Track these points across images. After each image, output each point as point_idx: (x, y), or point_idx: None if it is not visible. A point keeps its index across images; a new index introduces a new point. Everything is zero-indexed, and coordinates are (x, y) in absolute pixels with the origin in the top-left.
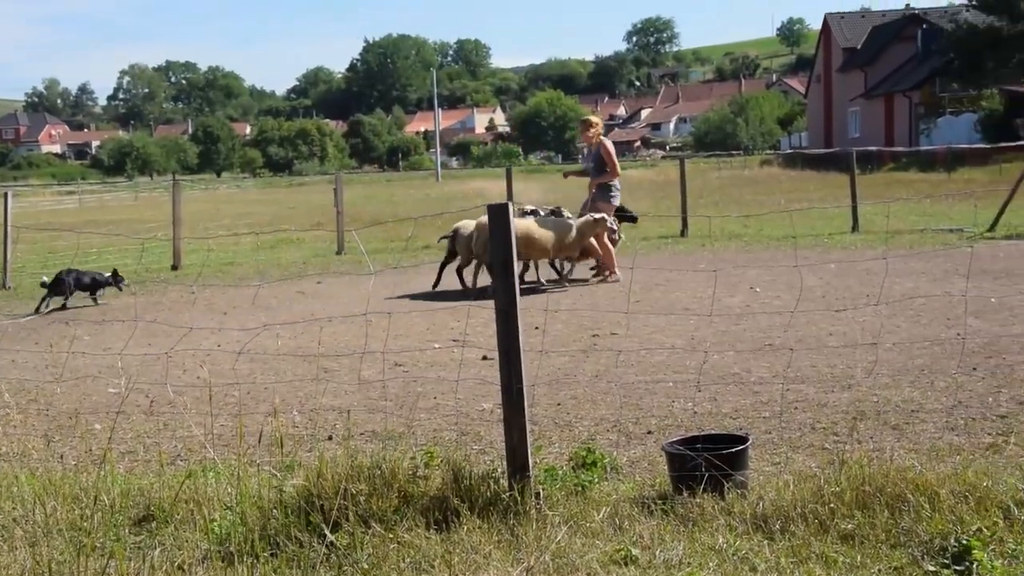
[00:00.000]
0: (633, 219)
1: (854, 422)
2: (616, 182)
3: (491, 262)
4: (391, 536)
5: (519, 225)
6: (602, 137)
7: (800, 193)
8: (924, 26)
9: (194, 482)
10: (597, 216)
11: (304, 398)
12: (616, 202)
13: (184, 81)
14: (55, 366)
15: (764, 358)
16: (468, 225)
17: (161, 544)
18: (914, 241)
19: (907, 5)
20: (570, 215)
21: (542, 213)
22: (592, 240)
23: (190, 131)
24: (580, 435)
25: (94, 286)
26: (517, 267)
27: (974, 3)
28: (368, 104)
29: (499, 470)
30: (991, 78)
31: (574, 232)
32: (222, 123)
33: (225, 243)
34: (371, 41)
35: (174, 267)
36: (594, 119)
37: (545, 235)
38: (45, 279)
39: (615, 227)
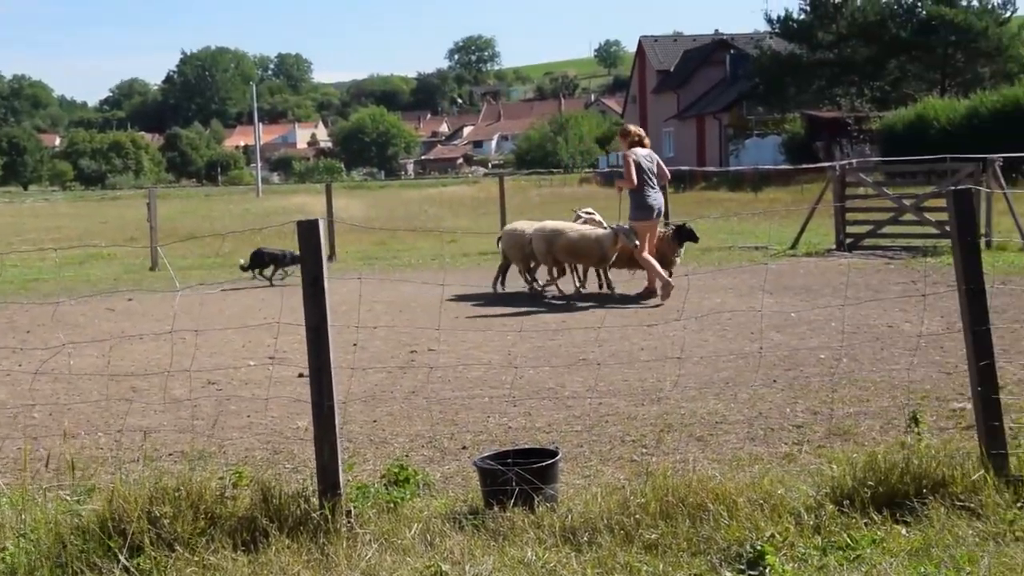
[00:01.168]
0: (693, 238)
1: (661, 434)
2: (649, 199)
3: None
4: (196, 559)
5: (545, 229)
6: (630, 150)
7: (617, 211)
8: (732, 51)
9: None
10: (619, 230)
11: (110, 418)
12: (648, 218)
13: None
14: None
15: (578, 372)
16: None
17: None
18: (722, 258)
19: (716, 31)
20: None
21: (598, 218)
22: (646, 255)
23: None
24: (395, 452)
25: (289, 261)
26: (547, 271)
27: (777, 31)
28: (186, 117)
29: (310, 489)
30: (793, 103)
31: (593, 243)
32: (29, 134)
33: (30, 259)
34: (188, 53)
35: None
36: (630, 128)
37: (565, 242)
38: (242, 261)
39: (636, 242)
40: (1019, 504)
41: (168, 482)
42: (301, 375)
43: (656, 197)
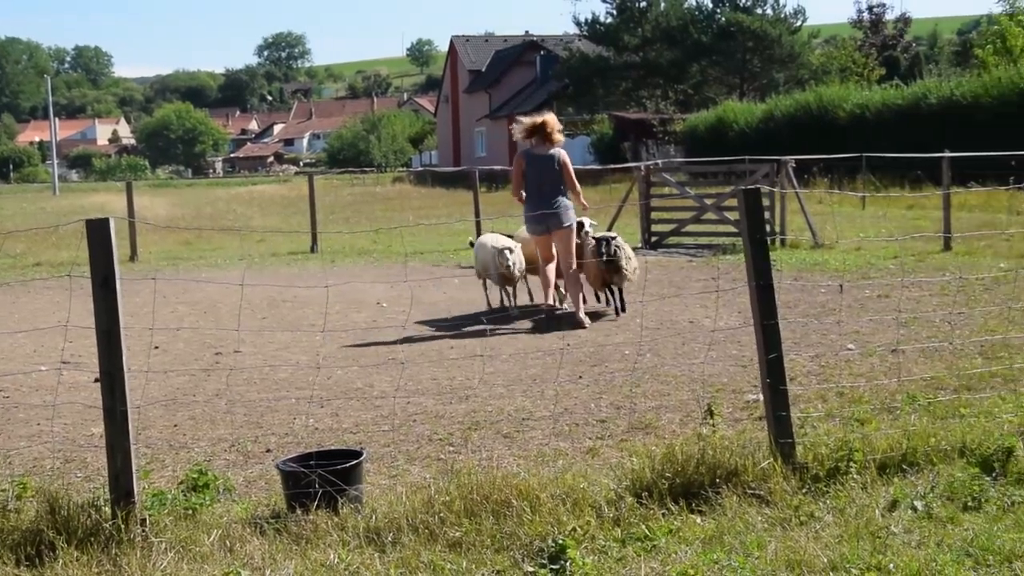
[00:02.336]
0: (608, 255)
1: (468, 432)
2: (540, 207)
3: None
4: None
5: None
6: (524, 150)
7: (430, 210)
8: (542, 52)
9: None
10: (501, 249)
11: None
12: (538, 232)
13: None
14: None
15: (387, 372)
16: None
17: None
18: None
19: (527, 32)
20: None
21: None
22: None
23: None
24: (196, 457)
25: None
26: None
27: (585, 34)
28: None
29: (102, 498)
30: (601, 104)
31: (489, 258)
32: None
33: None
34: None
35: None
36: (522, 120)
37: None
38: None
39: (509, 260)
40: (804, 490)
41: None
42: (97, 380)
43: (548, 205)
